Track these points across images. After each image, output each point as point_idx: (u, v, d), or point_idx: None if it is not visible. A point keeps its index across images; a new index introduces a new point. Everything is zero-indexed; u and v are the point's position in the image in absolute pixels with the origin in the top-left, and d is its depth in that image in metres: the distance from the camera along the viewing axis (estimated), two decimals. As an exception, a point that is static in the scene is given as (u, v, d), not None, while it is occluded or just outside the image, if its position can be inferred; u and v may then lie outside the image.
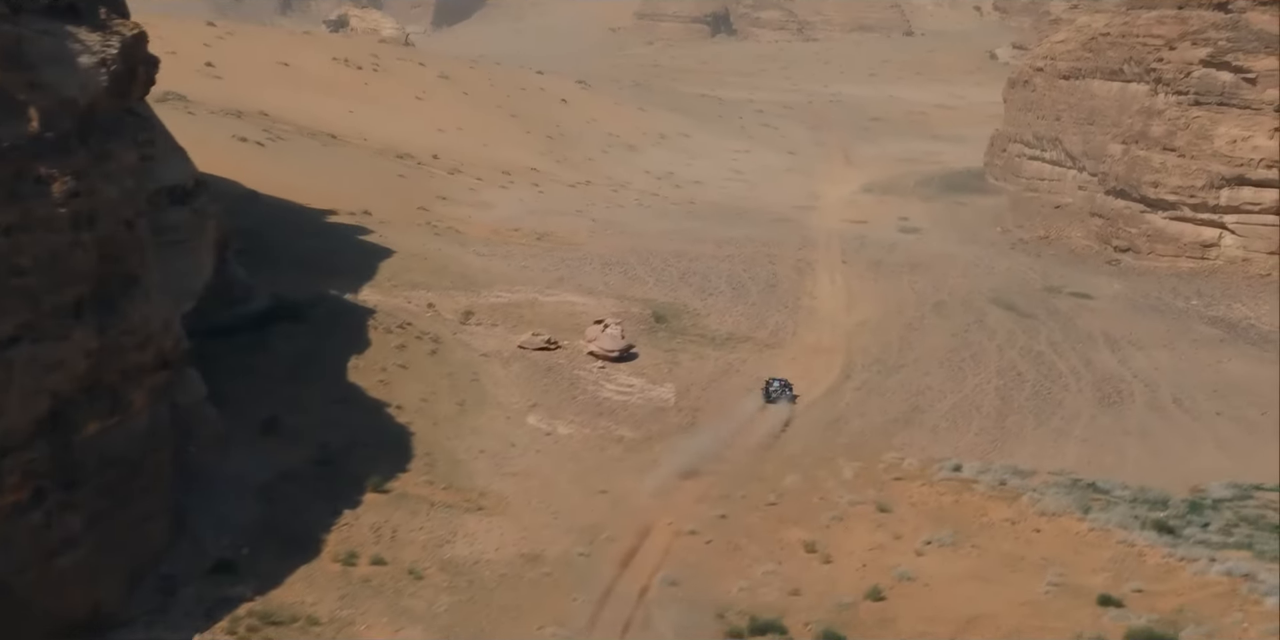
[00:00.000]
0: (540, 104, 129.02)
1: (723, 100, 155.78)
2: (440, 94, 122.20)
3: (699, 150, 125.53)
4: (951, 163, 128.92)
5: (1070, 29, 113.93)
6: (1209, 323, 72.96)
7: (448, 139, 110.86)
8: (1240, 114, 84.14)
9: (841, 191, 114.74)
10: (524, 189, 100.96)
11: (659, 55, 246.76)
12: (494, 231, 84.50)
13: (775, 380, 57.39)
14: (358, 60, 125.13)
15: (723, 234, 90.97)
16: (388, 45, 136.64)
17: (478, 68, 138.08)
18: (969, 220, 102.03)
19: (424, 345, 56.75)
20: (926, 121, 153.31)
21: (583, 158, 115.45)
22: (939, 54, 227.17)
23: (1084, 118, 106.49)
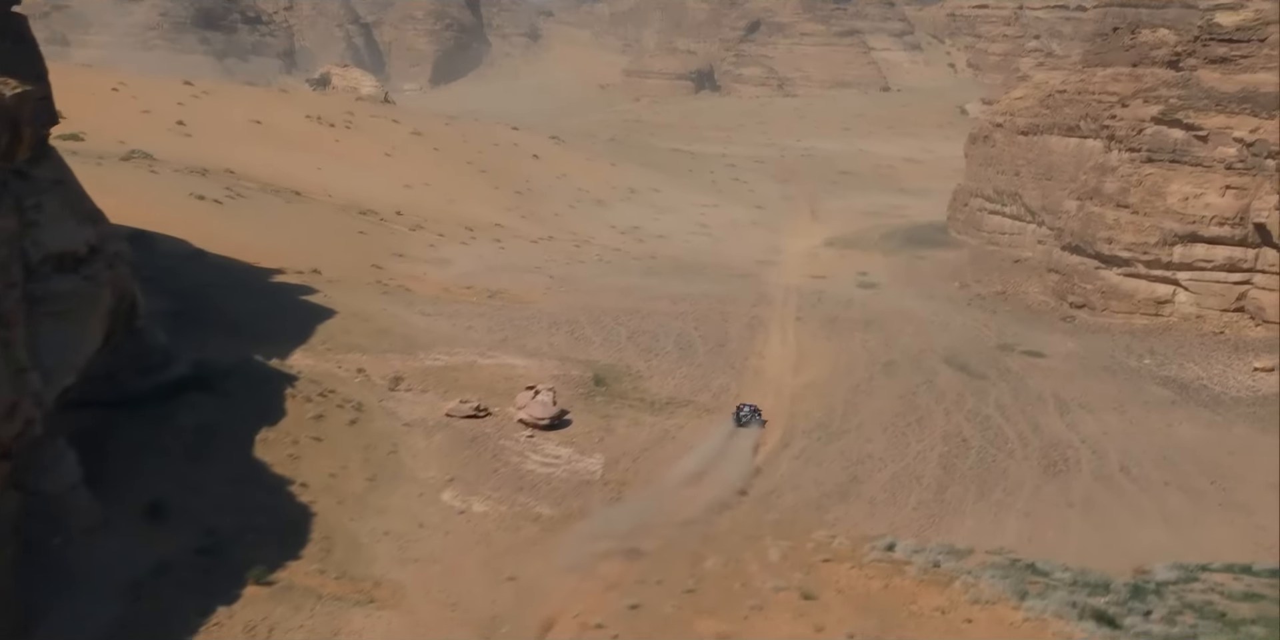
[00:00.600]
0: (512, 159, 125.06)
1: (696, 155, 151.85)
2: (411, 150, 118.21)
3: (667, 205, 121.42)
4: (916, 216, 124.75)
5: (1028, 86, 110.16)
6: (1161, 383, 68.43)
7: (414, 195, 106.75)
8: (1192, 171, 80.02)
9: (804, 246, 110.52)
10: (485, 245, 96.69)
11: (643, 111, 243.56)
12: (445, 290, 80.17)
13: (745, 405, 58.67)
14: (331, 117, 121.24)
15: (679, 290, 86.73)
16: (365, 103, 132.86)
17: (453, 124, 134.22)
18: (928, 275, 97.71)
19: (344, 414, 52.21)
20: (894, 175, 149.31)
21: (550, 213, 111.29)
22: (911, 109, 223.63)
23: (1042, 173, 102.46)
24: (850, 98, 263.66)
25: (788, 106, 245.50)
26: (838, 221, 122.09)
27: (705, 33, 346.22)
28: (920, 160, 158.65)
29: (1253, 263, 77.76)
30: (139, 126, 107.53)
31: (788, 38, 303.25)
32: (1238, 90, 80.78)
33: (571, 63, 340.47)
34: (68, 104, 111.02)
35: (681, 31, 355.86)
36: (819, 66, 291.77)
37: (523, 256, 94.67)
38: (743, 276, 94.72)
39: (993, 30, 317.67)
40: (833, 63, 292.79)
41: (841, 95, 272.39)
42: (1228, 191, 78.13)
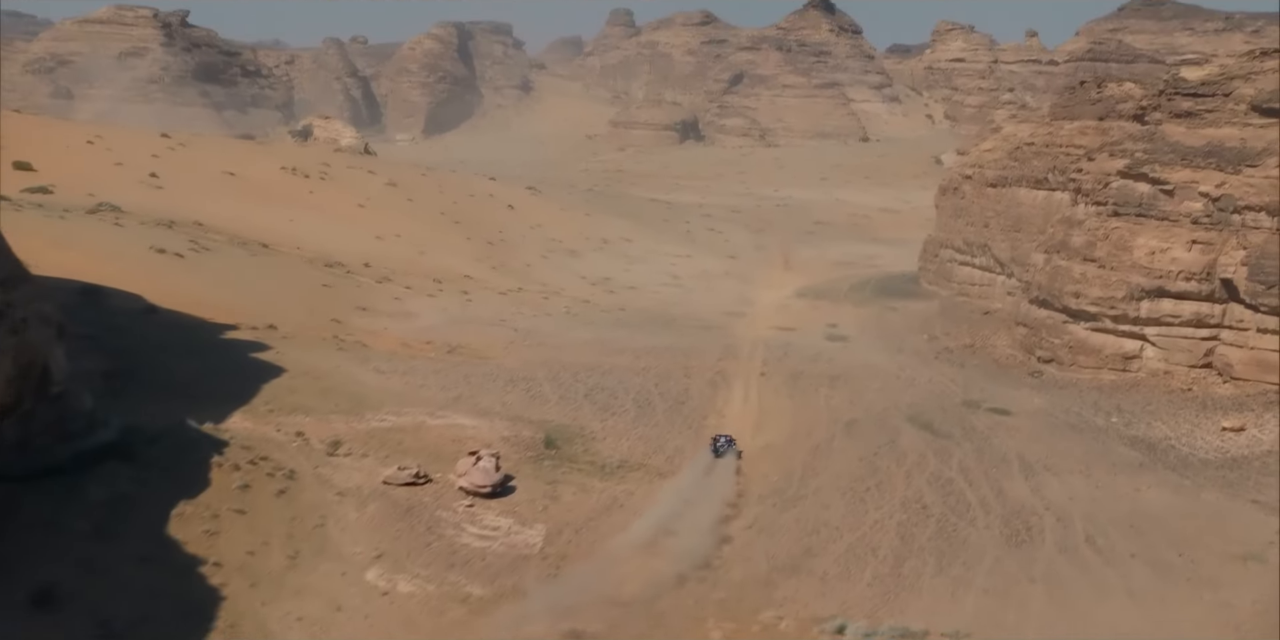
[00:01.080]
0: (487, 210, 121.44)
1: (672, 205, 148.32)
2: (385, 201, 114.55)
3: (640, 255, 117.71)
4: (889, 266, 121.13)
5: (997, 138, 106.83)
6: (1128, 443, 64.36)
7: (384, 246, 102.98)
8: (1158, 225, 76.39)
9: (775, 296, 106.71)
10: (452, 297, 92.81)
11: (626, 160, 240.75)
12: (404, 345, 76.18)
13: (721, 436, 59.60)
14: (306, 169, 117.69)
15: (644, 343, 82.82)
16: (343, 154, 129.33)
17: (430, 175, 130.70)
18: (898, 327, 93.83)
19: (273, 483, 48.08)
20: (869, 225, 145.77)
21: (521, 264, 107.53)
22: (888, 159, 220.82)
23: (1011, 225, 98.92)
24: (830, 148, 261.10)
25: (768, 156, 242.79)
26: (811, 272, 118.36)
27: (691, 85, 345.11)
28: (896, 210, 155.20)
29: (1220, 318, 73.93)
30: (111, 179, 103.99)
31: (770, 89, 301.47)
32: (1203, 145, 77.28)
33: (562, 113, 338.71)
34: (40, 157, 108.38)
35: (669, 84, 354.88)
36: (800, 117, 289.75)
37: (489, 309, 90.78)
38: (710, 329, 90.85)
39: (969, 83, 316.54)
40: (813, 114, 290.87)
41: (821, 145, 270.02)
42: (1194, 246, 74.43)
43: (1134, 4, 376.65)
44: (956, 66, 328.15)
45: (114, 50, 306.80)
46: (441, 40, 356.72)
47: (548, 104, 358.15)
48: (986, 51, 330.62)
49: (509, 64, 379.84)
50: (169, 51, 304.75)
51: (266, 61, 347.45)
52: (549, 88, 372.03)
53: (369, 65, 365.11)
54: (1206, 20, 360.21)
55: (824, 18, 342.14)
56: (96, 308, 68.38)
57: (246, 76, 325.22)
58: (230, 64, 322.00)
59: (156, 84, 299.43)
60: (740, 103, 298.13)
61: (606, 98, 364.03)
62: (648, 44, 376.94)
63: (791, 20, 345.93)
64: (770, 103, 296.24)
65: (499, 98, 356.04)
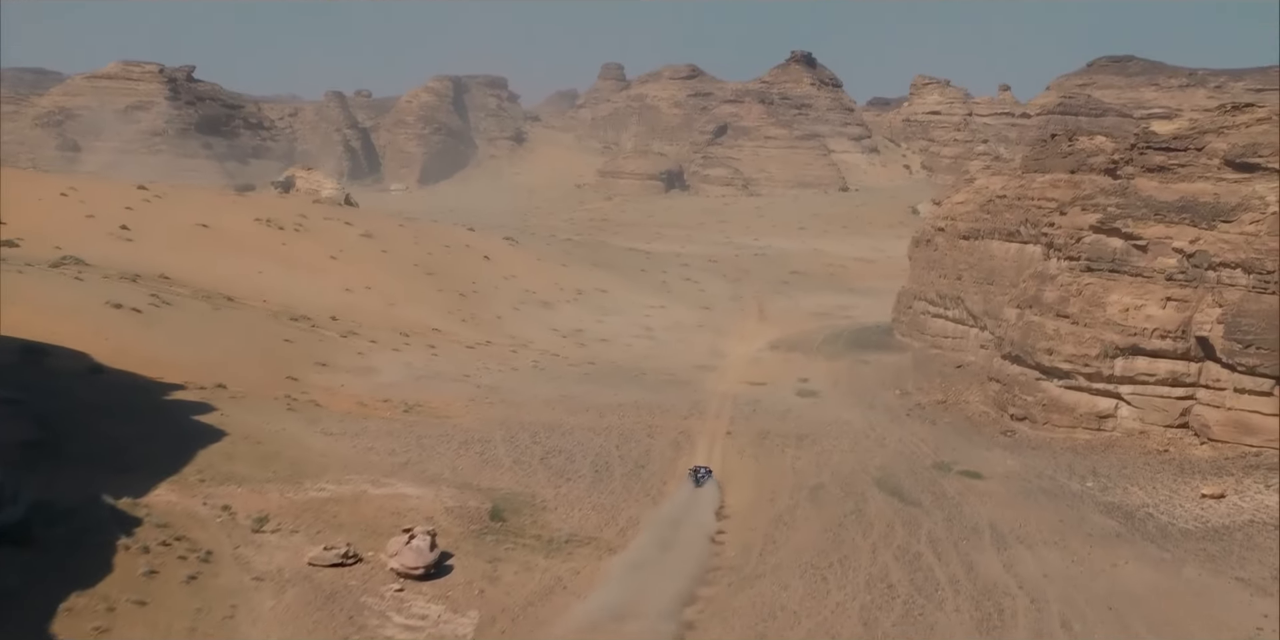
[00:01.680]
0: (462, 261, 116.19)
1: (651, 254, 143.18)
2: (358, 253, 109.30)
3: (614, 306, 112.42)
4: (863, 317, 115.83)
5: (970, 190, 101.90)
6: (1105, 511, 58.78)
7: (354, 299, 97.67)
8: (1132, 281, 71.22)
9: (748, 349, 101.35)
10: (418, 351, 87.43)
11: (612, 209, 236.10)
12: (359, 404, 70.72)
13: (700, 467, 61.06)
14: (281, 220, 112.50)
15: (610, 399, 77.48)
16: (321, 205, 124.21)
17: (408, 226, 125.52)
18: (869, 381, 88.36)
19: (184, 568, 42.56)
20: (845, 275, 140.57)
21: (492, 316, 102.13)
22: (866, 208, 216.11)
23: (984, 277, 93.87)
24: (810, 197, 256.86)
25: (749, 206, 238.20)
26: (784, 323, 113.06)
27: (678, 136, 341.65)
28: (871, 260, 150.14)
29: (1196, 377, 68.57)
30: (80, 231, 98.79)
31: (753, 141, 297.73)
32: (1176, 199, 72.29)
33: (553, 163, 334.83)
34: (11, 210, 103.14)
35: (656, 135, 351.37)
36: (781, 167, 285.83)
37: (454, 363, 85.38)
38: (680, 383, 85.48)
39: (944, 135, 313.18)
40: (794, 164, 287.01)
41: (802, 194, 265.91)
42: (1169, 303, 69.23)
43: (1101, 61, 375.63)
44: (933, 119, 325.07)
45: (120, 104, 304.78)
46: (437, 93, 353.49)
47: (539, 154, 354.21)
48: (962, 104, 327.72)
49: (503, 116, 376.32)
50: (173, 105, 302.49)
51: (271, 114, 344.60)
52: (541, 138, 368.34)
53: (369, 117, 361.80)
54: (1171, 76, 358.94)
55: (806, 72, 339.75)
56: (35, 368, 63.04)
57: (248, 128, 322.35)
58: (233, 116, 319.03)
59: (160, 136, 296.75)
60: (724, 153, 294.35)
61: (597, 148, 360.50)
62: (637, 97, 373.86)
63: (774, 74, 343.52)
64: (753, 153, 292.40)
65: (492, 148, 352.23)
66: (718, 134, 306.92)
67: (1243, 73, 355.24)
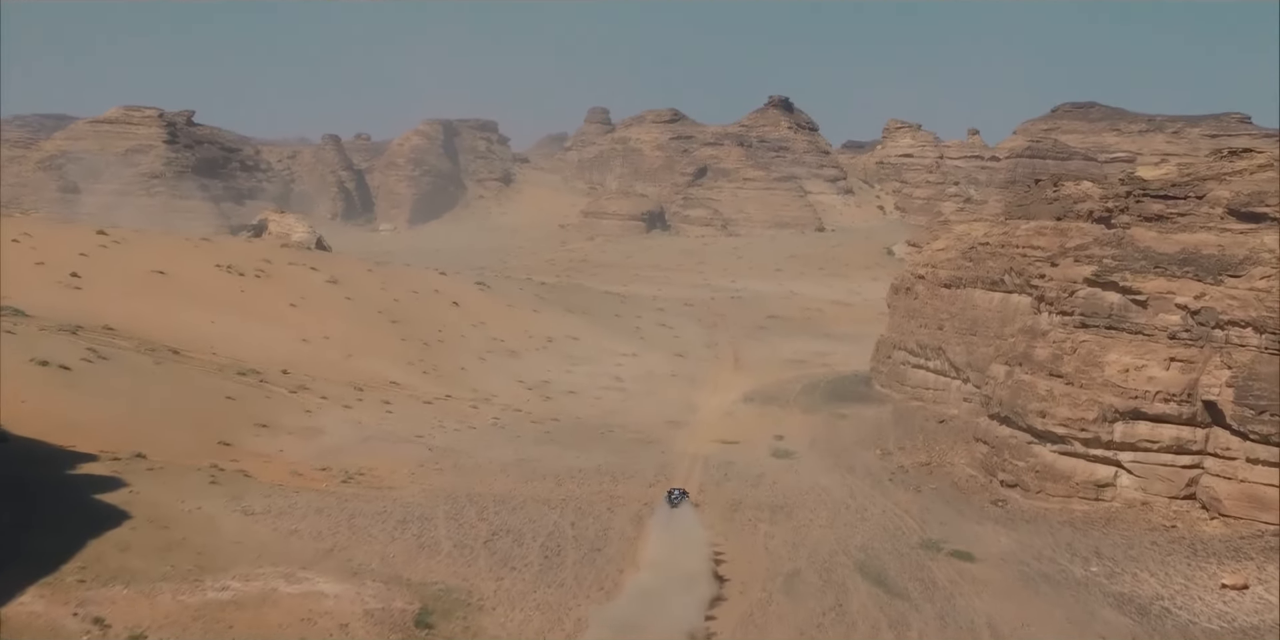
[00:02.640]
0: (429, 307, 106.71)
1: (627, 298, 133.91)
2: (320, 300, 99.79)
3: (584, 355, 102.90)
4: (840, 365, 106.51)
5: (950, 237, 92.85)
6: (1115, 603, 49.30)
7: (310, 350, 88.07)
8: (1132, 340, 62.06)
9: (721, 401, 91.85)
10: (371, 408, 77.81)
11: (592, 250, 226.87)
12: (294, 474, 61.03)
13: (675, 489, 59.37)
14: (243, 266, 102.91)
15: (571, 463, 68.05)
16: (288, 250, 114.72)
17: (377, 270, 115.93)
18: (848, 438, 78.95)
19: (19, 714, 32.82)
20: (822, 319, 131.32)
21: (455, 367, 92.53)
22: (842, 249, 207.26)
23: (966, 328, 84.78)
24: (787, 237, 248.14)
25: (727, 246, 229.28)
26: (760, 371, 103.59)
27: (659, 177, 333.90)
28: (848, 303, 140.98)
29: (1203, 445, 59.39)
30: (27, 280, 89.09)
31: (732, 182, 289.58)
32: (1177, 251, 63.33)
33: (539, 204, 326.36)
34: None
35: (639, 176, 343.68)
36: (759, 208, 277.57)
37: (408, 422, 75.76)
38: (648, 443, 75.94)
39: (917, 177, 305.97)
40: (772, 205, 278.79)
41: (779, 234, 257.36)
42: (1172, 364, 60.07)
43: (1065, 106, 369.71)
44: (905, 161, 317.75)
45: (120, 147, 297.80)
46: (427, 136, 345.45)
47: (526, 195, 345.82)
48: (933, 147, 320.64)
49: (491, 158, 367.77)
50: (171, 148, 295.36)
51: (271, 157, 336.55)
52: (529, 180, 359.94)
53: (366, 159, 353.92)
54: (1131, 122, 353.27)
55: (783, 116, 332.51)
56: (-79, 439, 53.58)
57: (245, 171, 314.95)
58: (230, 159, 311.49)
59: (158, 178, 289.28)
60: (704, 194, 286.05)
61: (583, 189, 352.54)
62: (621, 139, 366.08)
63: (753, 118, 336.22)
64: (732, 194, 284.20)
65: (481, 189, 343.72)
66: (698, 176, 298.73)
67: (1199, 119, 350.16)
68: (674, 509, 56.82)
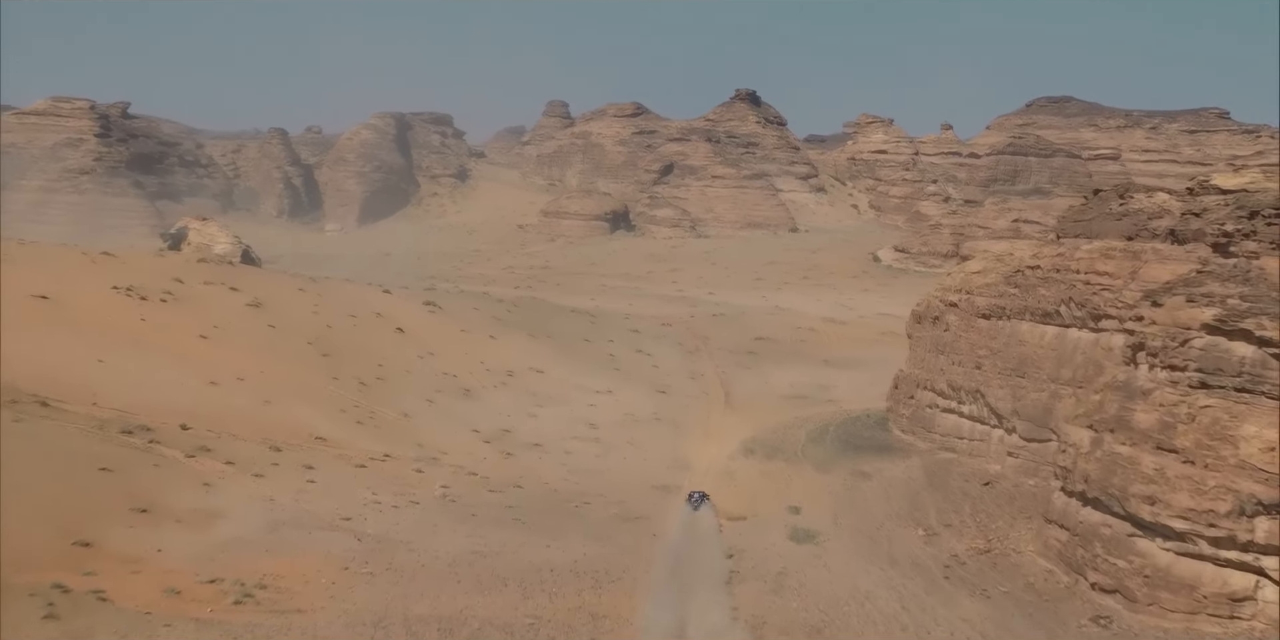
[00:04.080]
0: (369, 335, 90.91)
1: (596, 318, 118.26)
2: (237, 329, 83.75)
3: (551, 392, 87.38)
4: (847, 400, 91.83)
5: (988, 258, 78.02)
6: None
7: (219, 395, 72.11)
8: (1275, 408, 47.50)
9: (716, 454, 76.81)
10: (289, 476, 62.16)
11: (554, 254, 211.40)
12: (169, 591, 45.44)
13: (695, 492, 62.21)
14: (148, 287, 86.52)
15: (540, 557, 53.12)
16: (206, 266, 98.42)
17: (309, 289, 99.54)
18: (878, 509, 64.25)
19: None
20: (816, 341, 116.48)
21: (397, 413, 76.90)
22: (823, 255, 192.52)
23: (1011, 368, 70.49)
24: (760, 240, 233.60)
25: (698, 250, 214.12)
26: (756, 410, 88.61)
27: (622, 174, 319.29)
28: (842, 321, 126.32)
29: (1378, 548, 45.11)
30: None
31: (700, 180, 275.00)
32: (1331, 290, 48.91)
33: (496, 201, 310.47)
34: None
35: (601, 173, 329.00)
36: (730, 208, 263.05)
37: (334, 496, 60.14)
38: (634, 520, 60.87)
39: (892, 174, 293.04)
40: (743, 204, 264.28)
41: (751, 236, 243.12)
42: (1335, 441, 45.68)
43: (1041, 101, 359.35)
44: (879, 158, 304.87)
45: (48, 141, 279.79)
46: (378, 130, 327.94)
47: (482, 192, 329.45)
48: (908, 143, 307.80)
49: (446, 153, 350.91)
50: (103, 142, 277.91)
51: (214, 151, 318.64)
52: (485, 175, 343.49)
53: (315, 154, 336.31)
54: (1109, 117, 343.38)
55: (751, 110, 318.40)
56: None
57: (184, 166, 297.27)
58: (167, 154, 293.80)
59: (88, 175, 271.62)
60: (671, 193, 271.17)
61: (542, 185, 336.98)
62: (581, 134, 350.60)
63: (719, 112, 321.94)
64: (701, 193, 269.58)
65: (435, 186, 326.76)
66: (664, 173, 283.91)
67: (1176, 114, 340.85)
68: (696, 511, 60.00)
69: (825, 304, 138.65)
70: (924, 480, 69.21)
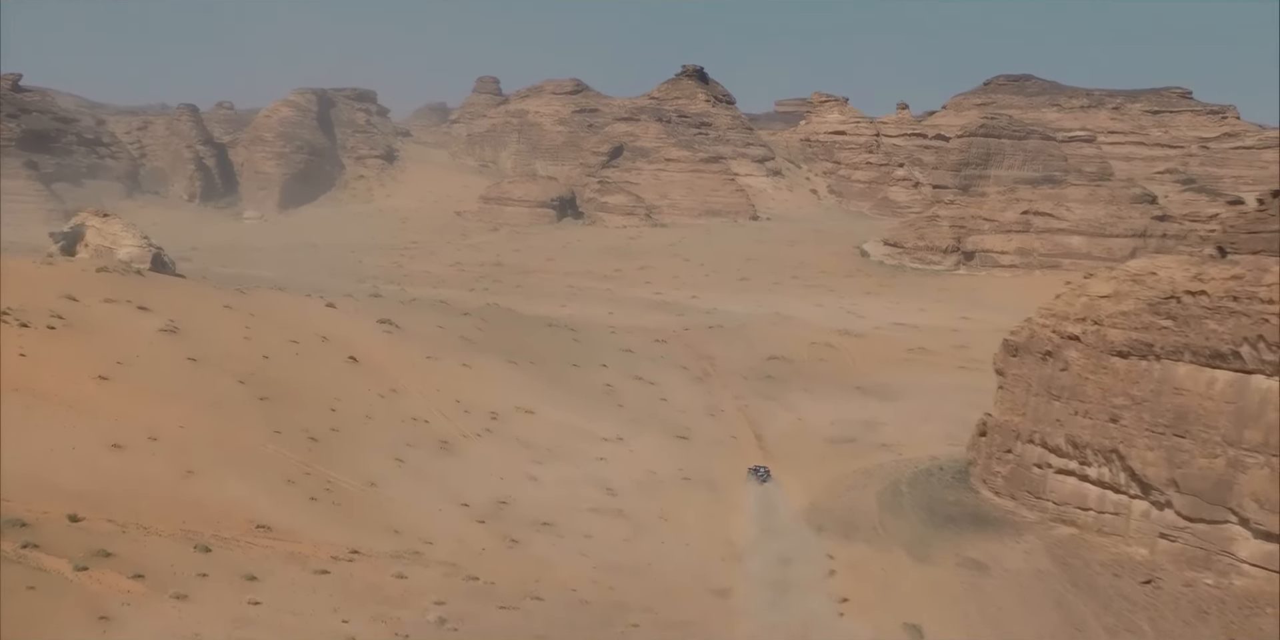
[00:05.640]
0: (315, 368, 73.19)
1: (576, 331, 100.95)
2: (147, 365, 65.70)
3: (548, 442, 70.32)
4: (903, 444, 76.18)
5: (1122, 278, 62.30)
6: None
7: (124, 464, 54.36)
8: None
9: (775, 529, 60.57)
10: (223, 596, 44.94)
11: (502, 246, 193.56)
12: None
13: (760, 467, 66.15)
14: (29, 309, 68.10)
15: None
16: (108, 277, 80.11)
17: (238, 305, 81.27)
18: (1023, 625, 48.72)
19: None
20: (837, 359, 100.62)
21: (361, 482, 59.63)
22: (802, 249, 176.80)
23: (1165, 422, 55.45)
24: (723, 229, 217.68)
25: (660, 242, 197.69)
26: (799, 461, 72.50)
27: (564, 156, 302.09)
28: (859, 333, 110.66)
29: None
30: None
31: (652, 163, 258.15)
32: None
33: (427, 185, 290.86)
34: None
35: (539, 154, 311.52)
36: (686, 194, 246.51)
37: (289, 631, 43.10)
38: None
39: (853, 157, 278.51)
40: (699, 189, 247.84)
41: (711, 225, 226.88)
42: None
43: (1000, 79, 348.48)
44: (837, 139, 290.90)
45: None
46: (299, 108, 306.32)
47: (412, 174, 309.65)
48: (868, 124, 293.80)
49: (372, 132, 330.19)
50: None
51: (117, 128, 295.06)
52: (414, 156, 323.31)
53: (228, 132, 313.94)
54: (1071, 97, 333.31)
55: (699, 88, 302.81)
56: None
57: (84, 145, 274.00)
58: (65, 131, 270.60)
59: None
60: (621, 177, 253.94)
61: (474, 167, 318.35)
62: (517, 112, 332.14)
63: (665, 89, 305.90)
64: (653, 177, 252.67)
65: (361, 168, 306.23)
66: (613, 156, 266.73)
67: (1138, 94, 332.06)
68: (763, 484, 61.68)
69: (829, 310, 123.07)
70: (1059, 573, 53.91)
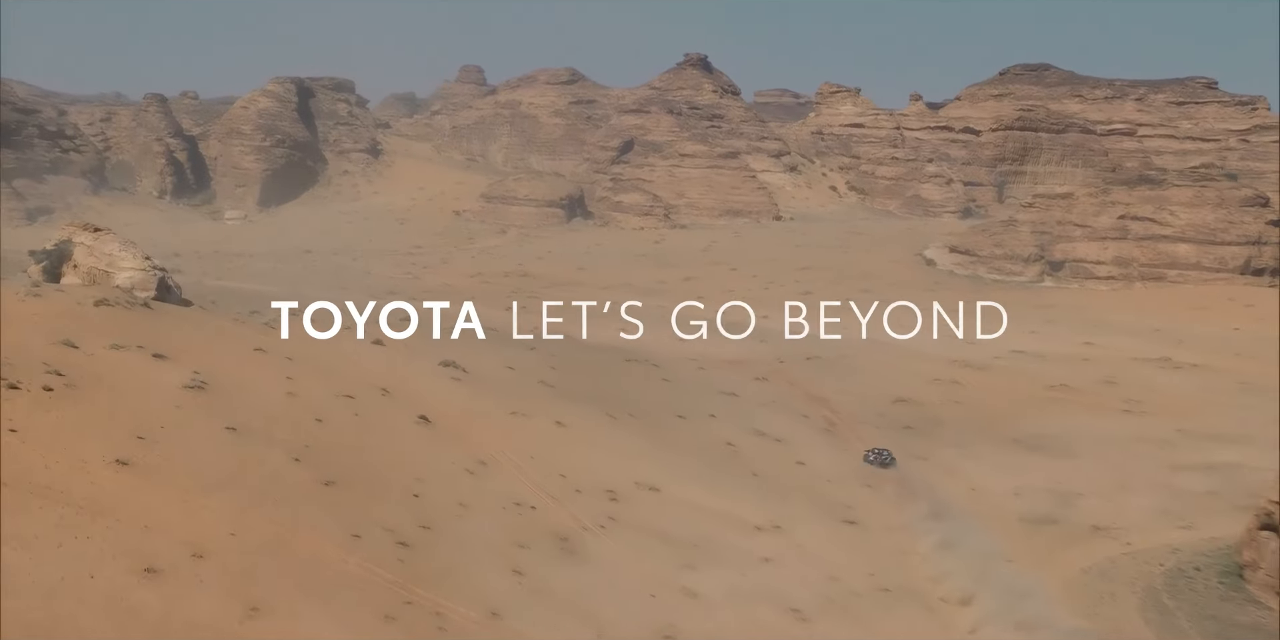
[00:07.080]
0: (382, 434, 57.88)
1: (661, 367, 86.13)
2: (176, 442, 50.42)
3: (690, 534, 54.96)
4: (1119, 526, 61.81)
5: None
6: None
7: (164, 603, 39.25)
8: None
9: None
10: None
11: (518, 251, 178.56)
12: None
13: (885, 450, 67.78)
14: (20, 366, 52.75)
15: None
16: (110, 311, 64.71)
17: (271, 349, 65.80)
18: None
19: None
20: (971, 400, 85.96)
21: (480, 612, 43.50)
22: (856, 255, 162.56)
23: None
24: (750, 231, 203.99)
25: (689, 246, 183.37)
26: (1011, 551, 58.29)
27: (561, 149, 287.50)
28: (979, 366, 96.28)
29: None
30: None
31: (666, 159, 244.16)
32: None
33: (415, 180, 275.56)
34: None
35: (534, 148, 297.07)
36: (704, 192, 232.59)
37: None
38: None
39: (875, 151, 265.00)
40: (719, 187, 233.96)
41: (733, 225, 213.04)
42: None
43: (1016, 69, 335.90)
44: (854, 133, 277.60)
45: None
46: (279, 98, 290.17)
47: (398, 169, 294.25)
48: (887, 117, 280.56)
49: (355, 125, 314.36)
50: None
51: (80, 119, 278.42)
52: (397, 150, 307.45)
53: (198, 123, 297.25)
54: (1093, 87, 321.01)
55: (705, 77, 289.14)
56: None
57: (45, 138, 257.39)
58: (25, 124, 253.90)
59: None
60: (634, 174, 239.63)
61: (460, 161, 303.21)
62: (508, 103, 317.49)
63: (667, 79, 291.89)
64: (668, 174, 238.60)
65: (345, 163, 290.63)
66: (623, 151, 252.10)
67: (1161, 84, 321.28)
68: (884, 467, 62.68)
69: (926, 335, 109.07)
70: None
